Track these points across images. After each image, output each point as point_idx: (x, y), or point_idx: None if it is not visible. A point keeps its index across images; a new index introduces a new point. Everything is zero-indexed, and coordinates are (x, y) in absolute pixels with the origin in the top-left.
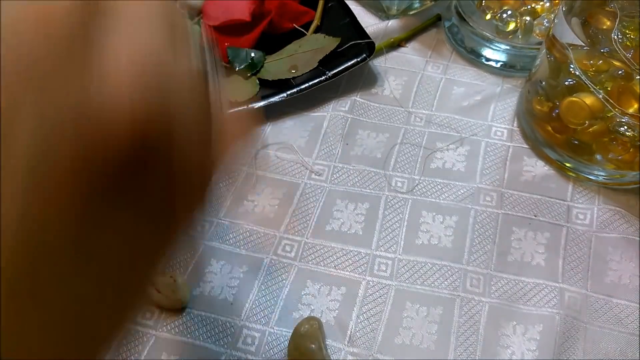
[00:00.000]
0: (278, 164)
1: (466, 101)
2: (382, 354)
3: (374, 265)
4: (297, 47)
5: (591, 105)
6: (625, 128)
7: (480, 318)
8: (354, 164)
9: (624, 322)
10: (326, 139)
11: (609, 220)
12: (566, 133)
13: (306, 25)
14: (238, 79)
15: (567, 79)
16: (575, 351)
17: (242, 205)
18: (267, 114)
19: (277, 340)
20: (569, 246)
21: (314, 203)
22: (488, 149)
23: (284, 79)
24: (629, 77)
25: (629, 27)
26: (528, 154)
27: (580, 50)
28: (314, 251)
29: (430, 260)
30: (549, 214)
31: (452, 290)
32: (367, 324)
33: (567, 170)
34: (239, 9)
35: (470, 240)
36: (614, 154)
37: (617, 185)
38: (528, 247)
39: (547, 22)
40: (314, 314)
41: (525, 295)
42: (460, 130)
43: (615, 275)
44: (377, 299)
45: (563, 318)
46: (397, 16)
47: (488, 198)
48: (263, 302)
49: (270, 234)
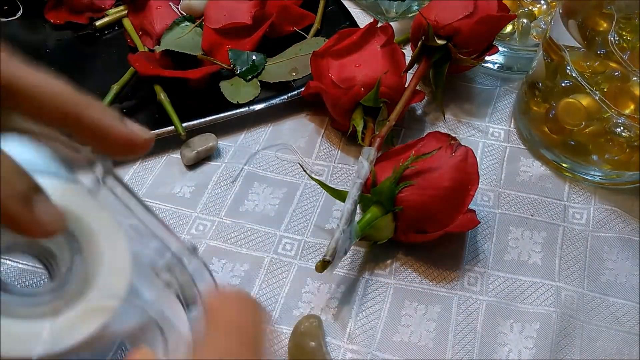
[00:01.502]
0: (278, 164)
1: (464, 102)
2: (381, 351)
3: (374, 264)
4: (298, 50)
5: (587, 106)
6: (622, 129)
7: (478, 316)
8: (354, 164)
9: (620, 320)
10: (325, 140)
11: (605, 220)
12: (563, 134)
13: (307, 29)
14: (239, 81)
15: (563, 80)
16: (572, 349)
17: (243, 204)
18: (268, 116)
19: (277, 338)
20: (565, 245)
21: (313, 202)
22: (485, 150)
23: (284, 82)
24: (626, 78)
25: (625, 29)
26: (525, 154)
27: (577, 52)
28: (314, 250)
29: (428, 260)
30: (545, 214)
31: (449, 289)
32: (366, 321)
33: (563, 170)
34: (241, 12)
35: (468, 239)
36: (610, 155)
37: (613, 185)
38: (525, 246)
39: (544, 24)
40: (314, 311)
41: (523, 293)
42: (458, 130)
43: (612, 274)
44: (376, 297)
45: (560, 316)
46: (396, 19)
47: (485, 198)
48: (264, 300)
49: (271, 233)
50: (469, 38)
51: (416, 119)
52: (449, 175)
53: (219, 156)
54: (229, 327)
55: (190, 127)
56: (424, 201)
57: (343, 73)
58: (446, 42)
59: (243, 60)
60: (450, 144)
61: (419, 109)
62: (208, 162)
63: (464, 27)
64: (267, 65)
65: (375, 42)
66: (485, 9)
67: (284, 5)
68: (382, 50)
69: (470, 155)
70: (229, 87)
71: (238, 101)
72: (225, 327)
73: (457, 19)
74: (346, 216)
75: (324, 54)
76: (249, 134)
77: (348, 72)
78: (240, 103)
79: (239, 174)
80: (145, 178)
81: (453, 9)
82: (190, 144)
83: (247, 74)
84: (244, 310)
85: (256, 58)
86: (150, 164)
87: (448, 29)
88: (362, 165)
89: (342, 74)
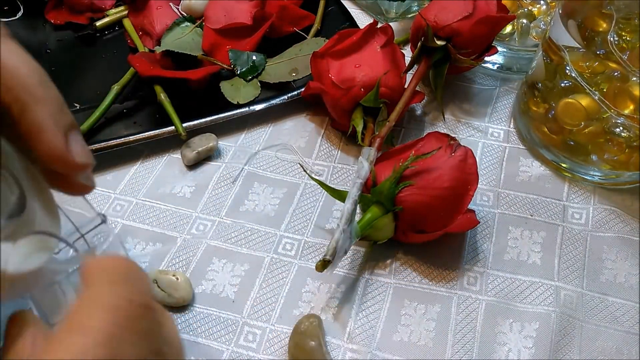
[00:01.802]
0: (279, 164)
1: (463, 102)
2: (380, 350)
3: (374, 264)
4: (298, 51)
5: (587, 106)
6: (621, 129)
7: (478, 316)
8: (354, 164)
9: (619, 320)
10: (325, 140)
11: (604, 220)
12: (562, 134)
13: (307, 29)
14: (239, 81)
15: (563, 80)
16: (571, 349)
17: (243, 204)
18: (268, 116)
19: (277, 338)
20: (564, 245)
21: (314, 202)
22: (485, 150)
23: (284, 82)
24: (625, 78)
25: (624, 29)
26: (524, 154)
27: (577, 52)
28: (314, 249)
29: (427, 259)
30: (545, 214)
31: (449, 288)
32: (366, 321)
33: (563, 170)
34: (241, 12)
35: (468, 239)
36: (610, 155)
37: (612, 185)
38: (524, 246)
39: (544, 24)
40: (314, 311)
41: (522, 293)
42: (457, 131)
43: (611, 274)
44: (376, 297)
45: (559, 316)
46: (396, 19)
47: (485, 198)
48: (264, 299)
49: (271, 233)
50: (468, 39)
51: (416, 119)
52: (449, 175)
53: (219, 156)
54: (95, 301)
55: (190, 127)
56: (424, 201)
57: (343, 73)
58: (446, 42)
59: (243, 61)
60: (449, 144)
61: (418, 109)
62: (208, 162)
63: (464, 27)
64: (267, 66)
65: (375, 43)
66: (484, 9)
67: (284, 5)
68: (382, 51)
69: (469, 156)
70: (229, 87)
71: (238, 101)
72: (91, 301)
73: (457, 19)
74: (346, 216)
75: (324, 54)
76: (249, 134)
77: (348, 72)
78: (241, 103)
79: (239, 174)
80: (146, 178)
81: (452, 9)
82: (191, 144)
83: (247, 74)
84: (117, 282)
85: (256, 58)
86: (151, 164)
87: (447, 29)
88: (362, 165)
89: (342, 74)
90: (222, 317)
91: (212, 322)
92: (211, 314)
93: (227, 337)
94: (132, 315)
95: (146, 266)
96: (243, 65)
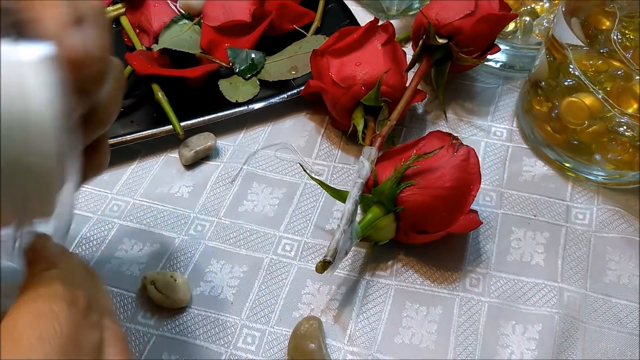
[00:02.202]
0: (278, 164)
1: (465, 101)
2: (381, 353)
3: (375, 265)
4: (298, 49)
5: (590, 105)
6: (625, 128)
7: (480, 317)
8: (355, 163)
9: (623, 321)
10: (326, 140)
11: (608, 220)
12: (565, 133)
13: (306, 27)
14: (238, 80)
15: (566, 79)
16: (574, 351)
17: (242, 204)
18: (267, 115)
19: (277, 340)
20: (568, 246)
21: (314, 203)
22: (487, 149)
23: (284, 80)
24: (629, 77)
25: (628, 28)
26: (527, 154)
27: (580, 50)
28: (314, 250)
29: (429, 260)
30: (548, 214)
31: (451, 290)
32: (367, 323)
33: (566, 170)
34: (240, 10)
35: (470, 240)
36: (613, 154)
37: (616, 185)
38: (527, 246)
39: (547, 22)
40: (314, 313)
41: (525, 294)
42: (459, 130)
43: (615, 275)
44: (377, 299)
45: (562, 317)
46: (397, 17)
47: (488, 198)
48: (263, 301)
49: (270, 234)
50: (470, 37)
51: (417, 118)
52: (451, 175)
53: (217, 156)
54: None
55: (188, 126)
56: (426, 201)
57: (343, 72)
58: (447, 41)
59: (242, 59)
60: (452, 144)
61: (420, 108)
62: (207, 161)
63: (465, 26)
64: (266, 64)
65: (376, 41)
66: (486, 7)
67: (283, 3)
68: (383, 49)
69: (472, 155)
70: (228, 85)
71: (237, 100)
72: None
73: (459, 17)
74: (347, 216)
75: (324, 52)
76: (248, 133)
77: (348, 70)
78: (239, 102)
79: (238, 174)
80: (144, 178)
81: (454, 7)
82: (189, 143)
83: (246, 73)
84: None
85: (255, 56)
86: (149, 164)
87: (449, 27)
88: (363, 165)
89: (342, 72)
90: (220, 319)
91: (211, 324)
92: (209, 315)
93: (225, 339)
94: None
95: (143, 267)
96: (242, 64)
